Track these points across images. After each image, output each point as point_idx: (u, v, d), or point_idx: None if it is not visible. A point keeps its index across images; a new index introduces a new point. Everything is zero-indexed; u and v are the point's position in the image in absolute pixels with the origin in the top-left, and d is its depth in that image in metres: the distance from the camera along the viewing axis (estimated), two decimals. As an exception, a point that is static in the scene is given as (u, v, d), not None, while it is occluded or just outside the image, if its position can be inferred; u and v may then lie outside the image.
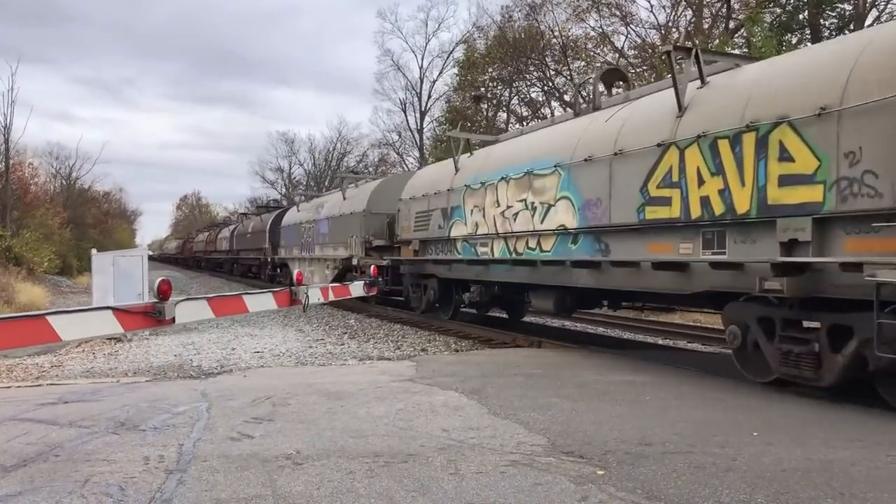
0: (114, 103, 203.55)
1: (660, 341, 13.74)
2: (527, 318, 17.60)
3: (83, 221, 53.11)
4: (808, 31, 26.10)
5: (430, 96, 52.29)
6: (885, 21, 24.79)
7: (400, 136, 55.03)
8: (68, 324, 5.04)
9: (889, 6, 25.02)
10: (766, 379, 7.52)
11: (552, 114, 35.37)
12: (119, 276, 14.05)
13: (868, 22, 25.01)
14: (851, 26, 25.11)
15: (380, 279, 15.11)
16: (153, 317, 5.56)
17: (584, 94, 12.56)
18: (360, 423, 5.89)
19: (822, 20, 25.90)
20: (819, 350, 6.84)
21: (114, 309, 5.38)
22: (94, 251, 15.43)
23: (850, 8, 25.33)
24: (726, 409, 6.49)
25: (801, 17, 26.14)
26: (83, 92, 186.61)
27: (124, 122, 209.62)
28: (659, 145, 8.51)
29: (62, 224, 42.34)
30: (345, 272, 21.02)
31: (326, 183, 60.91)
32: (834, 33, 25.41)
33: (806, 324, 7.11)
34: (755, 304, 7.50)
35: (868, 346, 6.29)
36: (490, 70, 39.35)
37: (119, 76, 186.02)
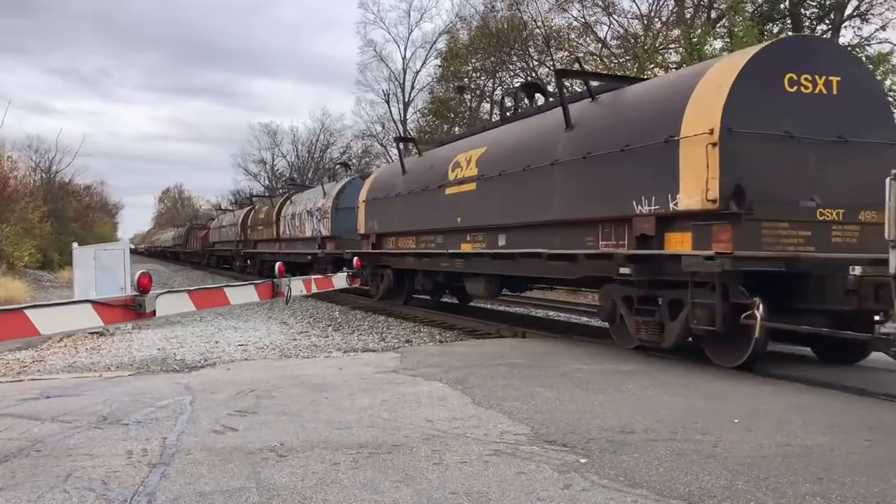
0: (91, 94, 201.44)
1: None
2: (511, 309, 17.72)
3: (64, 215, 52.43)
4: (789, 21, 26.24)
5: (413, 87, 52.13)
6: (865, 10, 24.99)
7: (383, 126, 54.81)
8: (47, 318, 4.99)
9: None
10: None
11: (535, 104, 35.39)
12: (101, 270, 13.93)
13: (848, 11, 25.20)
14: (832, 16, 25.29)
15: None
16: (133, 310, 5.52)
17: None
18: (345, 415, 5.89)
19: (802, 10, 26.04)
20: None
21: (93, 302, 5.34)
22: (75, 245, 15.30)
23: (831, -2, 25.47)
24: (708, 396, 6.55)
25: (782, 6, 26.27)
26: (59, 83, 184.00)
27: (103, 114, 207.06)
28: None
29: (43, 218, 41.80)
30: None
31: (310, 175, 60.52)
32: (815, 23, 25.57)
33: None
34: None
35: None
36: (473, 61, 39.26)
37: (96, 67, 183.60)
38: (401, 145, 19.00)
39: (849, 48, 19.93)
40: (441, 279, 15.34)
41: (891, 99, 18.20)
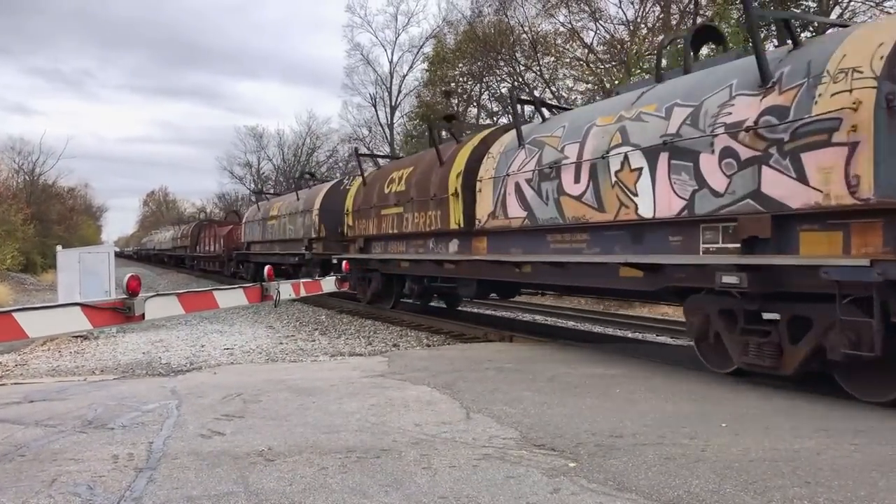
0: (74, 96, 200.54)
1: (629, 335, 13.88)
2: (497, 313, 17.73)
3: (47, 218, 52.08)
4: (773, 28, 26.45)
5: (400, 91, 52.14)
6: (848, 18, 25.27)
7: (370, 130, 54.75)
8: (35, 320, 4.95)
9: (852, 3, 25.46)
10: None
11: (523, 110, 35.44)
12: (85, 274, 13.82)
13: (832, 17, 25.42)
14: (815, 23, 25.51)
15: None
16: (122, 313, 5.48)
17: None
18: (333, 419, 5.87)
19: (787, 17, 26.25)
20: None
21: (82, 305, 5.30)
22: (59, 248, 15.16)
23: (815, 5, 25.73)
24: (695, 400, 6.58)
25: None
26: (41, 84, 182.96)
27: (85, 115, 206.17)
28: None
29: (26, 220, 41.48)
30: None
31: (296, 177, 60.20)
32: (799, 30, 25.77)
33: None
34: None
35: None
36: (460, 65, 39.32)
37: (78, 67, 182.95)
38: None
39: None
40: None
41: None
